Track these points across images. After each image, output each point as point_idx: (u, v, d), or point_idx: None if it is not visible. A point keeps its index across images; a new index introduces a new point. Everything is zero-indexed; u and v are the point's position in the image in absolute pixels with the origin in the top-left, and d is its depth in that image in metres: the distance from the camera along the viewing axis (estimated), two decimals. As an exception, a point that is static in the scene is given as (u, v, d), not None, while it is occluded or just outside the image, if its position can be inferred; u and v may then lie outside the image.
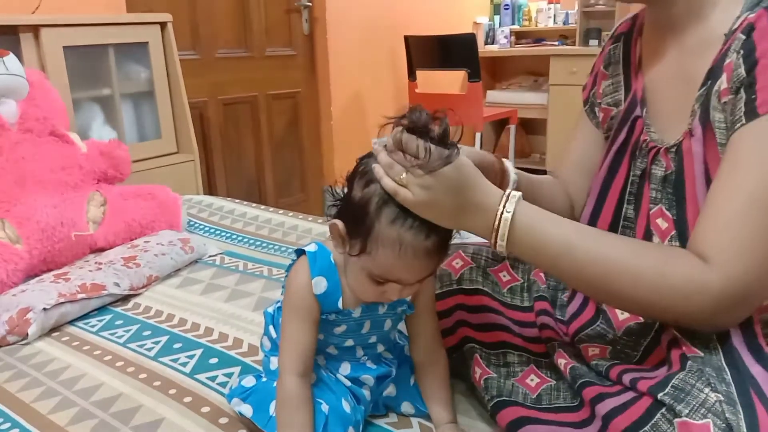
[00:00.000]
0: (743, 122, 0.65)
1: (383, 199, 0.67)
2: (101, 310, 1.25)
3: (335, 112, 3.34)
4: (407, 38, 3.36)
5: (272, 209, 1.89)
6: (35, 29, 1.85)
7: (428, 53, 3.32)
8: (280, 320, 0.80)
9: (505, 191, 0.68)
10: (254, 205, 1.95)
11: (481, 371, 0.82)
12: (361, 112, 3.49)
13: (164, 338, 1.10)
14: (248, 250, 1.59)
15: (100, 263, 1.35)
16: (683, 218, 0.73)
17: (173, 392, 0.92)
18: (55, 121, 1.59)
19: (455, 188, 0.66)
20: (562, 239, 0.68)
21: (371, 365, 0.81)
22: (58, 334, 1.15)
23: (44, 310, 1.13)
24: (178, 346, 1.07)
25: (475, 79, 3.16)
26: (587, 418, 0.70)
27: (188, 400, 0.89)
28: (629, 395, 0.65)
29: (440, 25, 3.69)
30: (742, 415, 0.57)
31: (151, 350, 1.06)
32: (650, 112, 0.82)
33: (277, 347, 0.81)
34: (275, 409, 0.74)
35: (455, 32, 3.28)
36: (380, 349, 0.82)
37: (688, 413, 0.58)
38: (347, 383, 0.79)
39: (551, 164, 3.85)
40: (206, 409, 0.87)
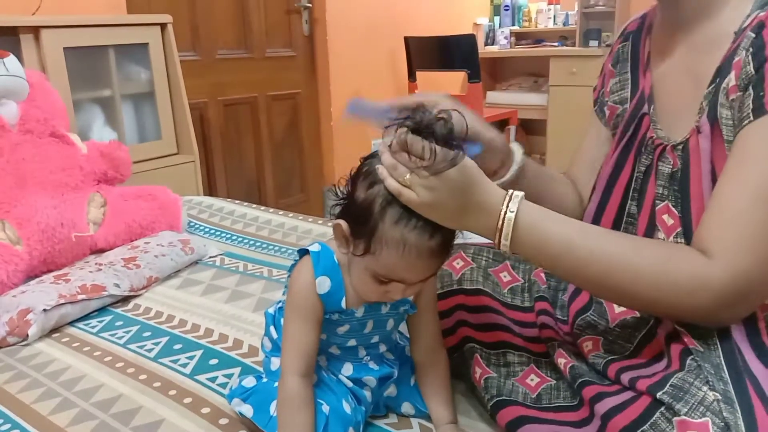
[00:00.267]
0: (751, 119, 0.65)
1: (387, 199, 0.67)
2: (101, 311, 1.25)
3: (335, 112, 3.34)
4: (407, 39, 3.37)
5: (272, 210, 1.89)
6: (35, 30, 1.85)
7: (428, 54, 3.32)
8: (281, 320, 0.80)
9: (507, 191, 0.69)
10: (254, 206, 1.95)
11: (481, 371, 0.82)
12: (361, 112, 3.49)
13: (164, 339, 1.10)
14: (248, 251, 1.59)
15: (100, 264, 1.35)
16: (689, 215, 0.73)
17: (173, 393, 0.92)
18: (55, 122, 1.59)
19: (459, 189, 0.66)
20: (564, 237, 0.68)
21: (374, 366, 0.81)
22: (58, 335, 1.15)
23: (44, 311, 1.13)
24: (178, 347, 1.07)
25: (475, 80, 3.16)
26: (587, 417, 0.70)
27: (188, 401, 0.89)
28: (628, 394, 0.66)
29: (440, 26, 3.69)
30: (740, 414, 0.57)
31: (151, 351, 1.06)
32: (657, 109, 0.82)
33: (277, 348, 0.81)
34: (276, 409, 0.74)
35: (455, 33, 3.28)
36: (382, 349, 0.82)
37: (686, 412, 0.58)
38: (349, 384, 0.79)
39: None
40: (206, 410, 0.87)
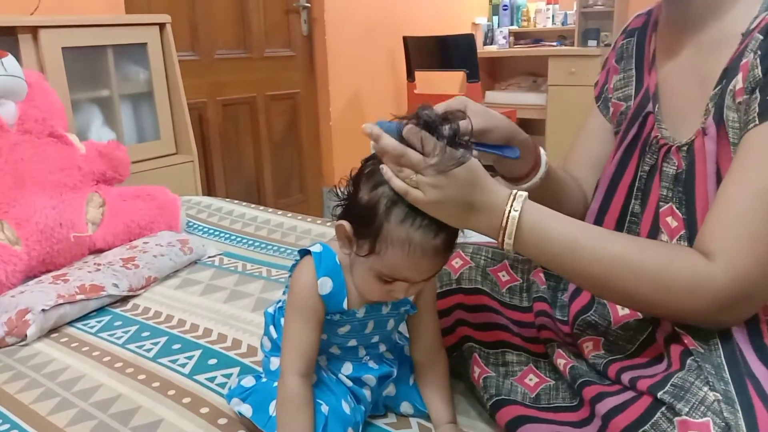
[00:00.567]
0: (756, 123, 0.65)
1: (392, 199, 0.67)
2: (100, 311, 1.24)
3: (334, 112, 3.34)
4: (406, 39, 3.36)
5: (271, 210, 1.89)
6: (34, 30, 1.85)
7: (427, 54, 3.32)
8: (281, 320, 0.80)
9: (511, 191, 0.69)
10: (253, 205, 1.95)
11: (480, 370, 0.82)
12: (359, 112, 3.49)
13: (163, 339, 1.10)
14: (247, 250, 1.59)
15: (99, 264, 1.35)
16: (693, 217, 0.73)
17: (172, 393, 0.92)
18: (53, 122, 1.59)
19: (466, 188, 0.66)
20: (567, 237, 0.68)
21: (373, 365, 0.81)
22: (57, 335, 1.14)
23: (43, 311, 1.13)
24: (177, 347, 1.07)
25: (473, 79, 3.16)
26: (587, 417, 0.70)
27: (187, 400, 0.89)
28: (629, 394, 0.66)
29: (439, 25, 3.69)
30: (740, 414, 0.57)
31: (150, 351, 1.06)
32: (662, 108, 0.82)
33: (277, 347, 0.81)
34: (275, 408, 0.74)
35: (454, 33, 3.29)
36: (382, 348, 0.82)
37: (687, 411, 0.58)
38: (349, 383, 0.79)
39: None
40: (205, 409, 0.87)
